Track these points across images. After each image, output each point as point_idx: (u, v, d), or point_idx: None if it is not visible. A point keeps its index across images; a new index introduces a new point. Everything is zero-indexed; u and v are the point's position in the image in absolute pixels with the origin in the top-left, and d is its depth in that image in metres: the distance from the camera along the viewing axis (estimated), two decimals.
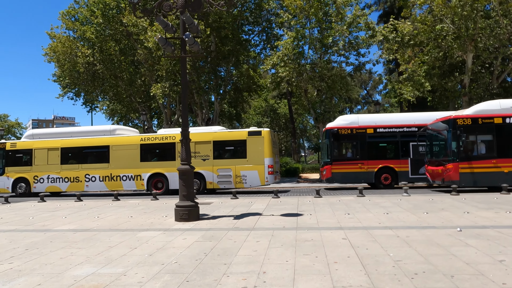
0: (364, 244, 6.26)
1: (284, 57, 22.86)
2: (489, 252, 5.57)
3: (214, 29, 24.87)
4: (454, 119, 14.02)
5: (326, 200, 12.20)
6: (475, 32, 19.96)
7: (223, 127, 18.72)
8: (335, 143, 18.00)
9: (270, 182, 16.62)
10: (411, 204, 10.68)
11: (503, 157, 13.70)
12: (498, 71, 21.59)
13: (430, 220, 8.25)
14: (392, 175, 17.56)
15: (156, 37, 9.39)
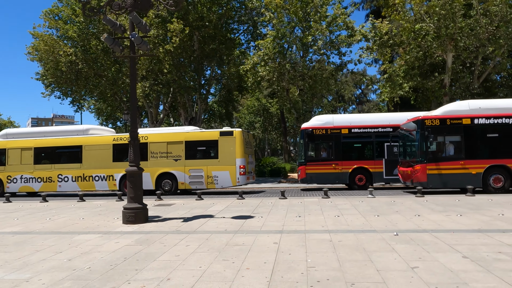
0: (291, 249, 6.14)
1: (265, 57, 22.72)
2: (409, 258, 5.45)
3: (195, 28, 24.74)
4: (422, 119, 13.87)
5: (288, 202, 12.06)
6: (455, 32, 19.80)
7: (196, 127, 18.57)
8: (309, 143, 17.85)
9: (242, 183, 16.49)
10: (369, 207, 10.55)
11: (471, 158, 13.55)
12: (478, 71, 21.43)
13: (375, 223, 8.12)
14: (366, 176, 17.40)
15: (102, 36, 9.25)
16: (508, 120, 13.52)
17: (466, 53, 20.44)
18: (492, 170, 13.52)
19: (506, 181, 13.44)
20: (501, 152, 13.59)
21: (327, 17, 21.59)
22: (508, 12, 19.67)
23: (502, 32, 19.58)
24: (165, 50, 22.33)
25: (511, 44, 20.05)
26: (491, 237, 6.58)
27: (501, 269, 4.82)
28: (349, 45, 22.75)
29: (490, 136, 13.70)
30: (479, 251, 5.71)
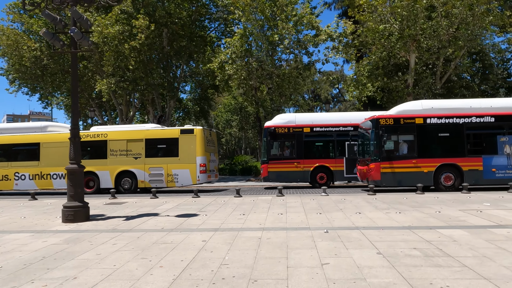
0: (216, 247, 6.14)
1: (232, 55, 22.67)
2: (325, 255, 5.53)
3: (163, 24, 24.49)
4: (376, 119, 14.08)
5: (241, 200, 12.07)
6: (417, 33, 20.17)
7: (157, 125, 18.40)
8: (272, 141, 17.93)
9: (202, 181, 16.42)
10: (316, 205, 10.64)
11: (423, 157, 13.83)
12: (440, 71, 21.90)
13: (313, 221, 8.20)
14: (328, 174, 17.59)
15: (42, 31, 9.06)
16: (459, 120, 13.86)
17: (428, 54, 20.85)
18: (443, 169, 13.84)
19: (456, 180, 13.78)
20: (452, 151, 13.93)
21: (294, 16, 21.68)
22: (468, 14, 20.16)
23: (461, 34, 20.06)
24: (130, 47, 22.02)
25: (470, 46, 20.57)
26: (415, 233, 6.72)
27: (406, 265, 4.93)
28: (316, 45, 22.92)
29: (441, 136, 14.03)
30: (396, 247, 5.83)
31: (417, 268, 4.79)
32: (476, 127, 13.90)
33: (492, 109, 13.99)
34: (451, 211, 8.94)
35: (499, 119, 13.81)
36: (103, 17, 22.52)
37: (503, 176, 13.65)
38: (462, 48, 20.53)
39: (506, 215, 8.31)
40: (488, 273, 4.56)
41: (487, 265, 4.87)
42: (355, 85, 21.51)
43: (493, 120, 13.82)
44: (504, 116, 13.83)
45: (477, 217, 8.18)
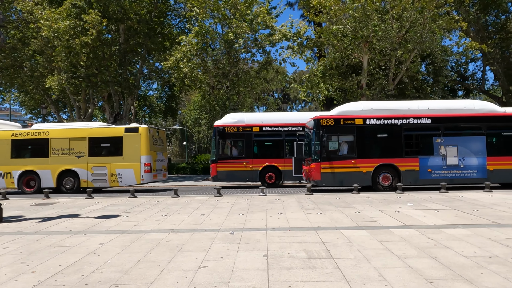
0: (108, 250, 6.01)
1: (188, 53, 22.42)
2: (212, 257, 5.48)
3: (118, 20, 23.98)
4: (317, 119, 14.19)
5: (175, 201, 11.92)
6: (369, 35, 20.45)
7: (102, 123, 18.03)
8: (221, 141, 17.82)
9: (147, 181, 16.16)
10: (247, 205, 10.61)
11: (362, 158, 14.03)
12: (393, 73, 22.32)
13: (229, 222, 8.15)
14: (276, 174, 17.63)
15: None
16: (397, 121, 14.12)
17: (380, 55, 21.20)
18: (381, 169, 14.08)
19: (394, 180, 14.04)
20: (390, 151, 14.18)
21: (248, 15, 21.62)
22: (418, 18, 20.60)
23: (411, 37, 20.48)
24: (82, 42, 21.45)
25: (420, 49, 21.03)
26: (318, 234, 6.76)
27: (281, 267, 4.93)
28: (273, 44, 22.95)
29: (380, 136, 14.25)
30: (286, 249, 5.83)
31: (289, 271, 4.79)
32: (413, 128, 14.19)
33: (429, 110, 14.32)
34: (370, 212, 9.07)
35: (435, 120, 14.15)
36: (53, 11, 21.85)
37: (438, 176, 13.99)
38: (412, 50, 20.97)
39: (420, 215, 8.49)
40: (354, 275, 4.60)
41: (359, 266, 4.92)
42: (308, 85, 21.68)
43: (429, 121, 14.15)
44: (440, 117, 14.18)
45: (391, 217, 8.32)
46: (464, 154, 14.07)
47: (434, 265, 4.92)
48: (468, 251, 5.54)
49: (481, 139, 14.16)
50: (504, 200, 10.49)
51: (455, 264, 4.94)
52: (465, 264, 4.94)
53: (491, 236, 6.42)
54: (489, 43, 28.07)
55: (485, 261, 5.05)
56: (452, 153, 14.05)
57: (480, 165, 14.06)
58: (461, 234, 6.62)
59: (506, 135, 14.47)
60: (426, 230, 6.94)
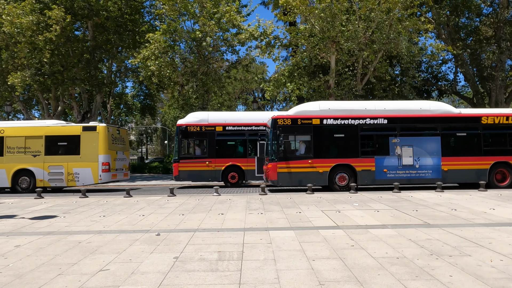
0: (20, 252, 5.87)
1: (155, 50, 22.15)
2: (120, 260, 5.37)
3: (84, 16, 23.55)
4: (275, 119, 14.15)
5: (125, 201, 11.74)
6: (336, 35, 20.51)
7: (60, 121, 17.66)
8: (183, 140, 17.65)
9: (105, 180, 15.91)
10: (194, 205, 10.50)
11: (319, 158, 14.04)
12: (361, 73, 22.44)
13: (164, 223, 8.04)
14: (239, 173, 17.55)
15: None
16: (354, 122, 14.18)
17: (347, 56, 21.28)
18: (338, 169, 14.12)
19: (350, 180, 14.10)
20: (346, 151, 14.23)
21: (216, 13, 21.45)
22: (384, 19, 20.75)
23: (377, 37, 20.62)
24: (45, 38, 20.97)
25: (386, 49, 21.17)
26: (244, 235, 6.70)
27: (183, 270, 4.84)
28: (243, 44, 22.85)
29: (337, 136, 14.29)
30: (201, 251, 5.75)
31: (188, 274, 4.70)
32: (370, 128, 14.27)
33: (385, 111, 14.41)
34: (312, 212, 9.05)
35: (391, 121, 14.26)
36: (16, 6, 21.33)
37: (393, 176, 14.10)
38: (378, 51, 21.11)
39: (357, 215, 8.50)
40: (250, 277, 4.54)
41: (262, 269, 4.86)
42: (275, 84, 21.66)
43: (385, 122, 14.25)
44: (396, 118, 14.29)
45: (328, 218, 8.31)
46: (420, 155, 14.22)
47: (338, 267, 4.89)
48: (380, 252, 5.54)
49: (436, 139, 14.32)
50: (450, 201, 10.61)
51: (359, 265, 4.93)
52: (369, 265, 4.92)
53: (414, 236, 6.45)
54: (458, 45, 28.56)
55: (390, 262, 5.04)
56: (408, 154, 14.18)
57: (434, 165, 14.23)
58: (386, 234, 6.63)
59: (460, 136, 14.68)
60: (354, 231, 6.94)
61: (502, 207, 9.37)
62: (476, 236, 6.43)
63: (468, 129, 14.59)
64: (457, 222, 7.62)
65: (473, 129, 14.55)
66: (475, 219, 7.95)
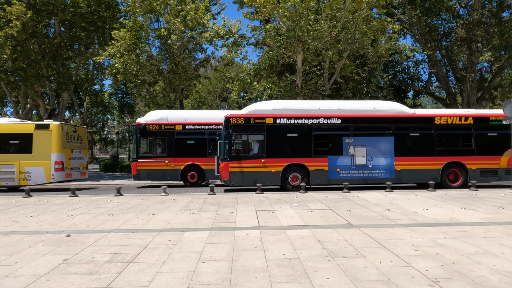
0: None
1: (121, 48, 21.84)
2: (10, 261, 5.15)
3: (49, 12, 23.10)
4: (227, 118, 14.02)
5: (68, 200, 11.51)
6: (302, 34, 20.46)
7: (13, 119, 17.30)
8: (142, 139, 17.40)
9: (58, 179, 15.59)
10: (131, 205, 10.33)
11: (272, 157, 13.95)
12: (328, 73, 22.44)
13: (87, 223, 7.86)
14: (199, 173, 17.38)
15: None
16: (307, 121, 14.13)
17: (313, 55, 21.24)
18: (291, 169, 14.05)
19: (303, 179, 14.04)
20: (300, 151, 14.16)
21: (181, 10, 21.22)
22: (350, 18, 20.77)
23: (342, 37, 20.63)
24: (6, 34, 20.52)
25: (351, 49, 21.20)
26: (156, 237, 6.54)
27: (61, 273, 4.67)
28: (210, 42, 22.66)
29: (290, 136, 14.21)
30: (99, 252, 5.59)
31: (62, 277, 4.54)
32: (323, 128, 14.23)
33: (339, 111, 14.40)
34: (245, 212, 8.94)
35: (345, 121, 14.25)
36: None
37: (346, 176, 14.09)
38: (344, 51, 21.12)
39: (288, 216, 8.41)
40: (124, 280, 4.40)
41: (145, 271, 4.73)
42: (240, 84, 21.54)
43: (339, 121, 14.23)
44: (349, 118, 14.28)
45: (256, 218, 8.20)
46: (373, 154, 14.23)
47: (222, 269, 4.77)
48: (278, 253, 5.44)
49: (390, 139, 14.36)
50: (391, 201, 10.62)
51: (244, 268, 4.81)
52: (254, 267, 4.81)
53: (325, 237, 6.38)
54: (429, 46, 28.81)
55: (279, 264, 4.95)
56: (361, 153, 14.18)
57: (387, 165, 14.26)
58: (299, 235, 6.55)
59: (414, 136, 14.75)
60: (270, 232, 6.85)
61: (437, 208, 9.39)
62: (388, 236, 6.39)
63: (422, 129, 14.66)
64: (381, 223, 7.59)
65: (427, 129, 14.62)
66: (401, 219, 7.92)
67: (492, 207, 9.44)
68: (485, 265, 4.81)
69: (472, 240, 6.12)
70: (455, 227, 7.14)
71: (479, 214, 8.49)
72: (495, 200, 10.69)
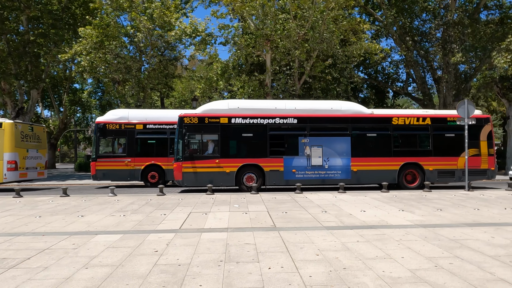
0: None
1: (87, 45, 21.46)
2: None
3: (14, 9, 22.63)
4: (181, 117, 13.79)
5: (8, 201, 11.19)
6: (270, 33, 20.29)
7: None
8: (101, 138, 17.07)
9: (11, 179, 15.22)
10: (70, 206, 10.05)
11: (226, 157, 13.76)
12: (297, 73, 22.31)
13: (9, 225, 7.56)
14: (159, 173, 17.12)
15: None
16: (263, 121, 13.95)
17: (282, 54, 21.09)
18: (246, 169, 13.87)
19: (258, 180, 13.87)
20: (255, 151, 13.99)
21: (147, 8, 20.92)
22: (318, 18, 20.64)
23: (310, 37, 20.50)
24: None
25: (319, 49, 21.08)
26: (67, 239, 6.30)
27: None
28: (180, 40, 22.39)
29: (245, 136, 14.02)
30: None
31: None
32: (279, 128, 14.07)
33: (296, 110, 14.25)
34: (179, 214, 8.72)
35: (301, 121, 14.10)
36: None
37: (302, 177, 13.96)
38: (312, 50, 21.00)
39: (218, 218, 8.22)
40: None
41: (20, 277, 4.50)
42: (206, 82, 21.30)
43: (295, 121, 14.08)
44: (305, 118, 14.14)
45: (184, 220, 8.00)
46: (329, 155, 14.11)
47: (99, 276, 4.54)
48: (172, 258, 5.24)
49: (346, 140, 14.24)
50: (336, 202, 10.48)
51: (124, 275, 4.60)
52: (135, 274, 4.60)
53: (236, 241, 6.19)
54: (403, 46, 28.84)
55: (164, 270, 4.74)
56: (317, 154, 14.04)
57: (344, 166, 14.15)
58: (212, 238, 6.35)
59: (371, 136, 14.66)
60: (185, 235, 6.65)
61: (377, 209, 9.27)
62: (301, 240, 6.23)
63: (379, 129, 14.59)
64: (306, 225, 7.43)
65: (384, 129, 14.54)
66: (330, 222, 7.78)
67: (432, 209, 9.36)
68: (375, 271, 4.66)
69: (383, 243, 5.98)
70: (377, 229, 7.01)
71: (413, 216, 8.38)
72: (441, 201, 10.62)
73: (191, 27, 21.09)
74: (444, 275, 4.52)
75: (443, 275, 4.52)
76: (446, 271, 4.66)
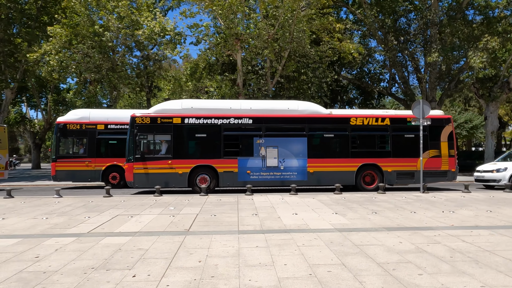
0: None
1: (56, 45, 21.21)
2: None
3: None
4: (133, 117, 13.56)
5: None
6: (240, 32, 20.07)
7: None
8: (61, 138, 16.81)
9: None
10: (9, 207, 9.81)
11: (179, 158, 13.53)
12: (269, 73, 22.09)
13: None
14: (121, 174, 16.86)
15: None
16: (217, 121, 13.73)
17: (252, 54, 20.88)
18: (199, 170, 13.65)
19: (212, 181, 13.65)
20: (209, 152, 13.77)
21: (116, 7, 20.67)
22: (288, 17, 20.42)
23: (280, 36, 20.29)
24: None
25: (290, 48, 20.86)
26: None
27: None
28: (150, 40, 22.14)
29: (199, 136, 13.82)
30: None
31: None
32: (234, 128, 13.84)
33: (251, 111, 14.03)
34: (103, 217, 8.50)
35: (256, 121, 13.88)
36: None
37: (257, 178, 13.74)
38: (283, 50, 20.78)
39: (138, 220, 8.00)
40: None
41: None
42: (176, 83, 21.07)
43: (250, 122, 13.86)
44: (261, 118, 13.92)
45: (102, 223, 7.77)
46: (285, 156, 13.89)
47: None
48: (44, 265, 5.01)
49: (303, 140, 14.03)
50: (276, 204, 10.27)
51: None
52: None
53: (132, 245, 5.98)
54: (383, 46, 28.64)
55: (20, 278, 4.52)
56: (273, 155, 13.83)
57: (300, 167, 13.94)
58: (110, 243, 6.13)
59: (328, 137, 14.46)
60: (86, 239, 6.43)
61: (311, 212, 9.05)
62: (199, 245, 6.00)
63: (336, 130, 14.37)
64: (222, 229, 7.22)
65: (342, 130, 14.33)
66: (250, 225, 7.56)
67: (368, 212, 9.14)
68: (241, 280, 4.44)
69: (281, 249, 5.76)
70: (290, 234, 6.80)
71: (341, 219, 8.17)
72: (384, 204, 10.41)
73: (160, 26, 20.84)
74: (310, 284, 4.31)
75: (309, 284, 4.31)
76: (316, 280, 4.45)
